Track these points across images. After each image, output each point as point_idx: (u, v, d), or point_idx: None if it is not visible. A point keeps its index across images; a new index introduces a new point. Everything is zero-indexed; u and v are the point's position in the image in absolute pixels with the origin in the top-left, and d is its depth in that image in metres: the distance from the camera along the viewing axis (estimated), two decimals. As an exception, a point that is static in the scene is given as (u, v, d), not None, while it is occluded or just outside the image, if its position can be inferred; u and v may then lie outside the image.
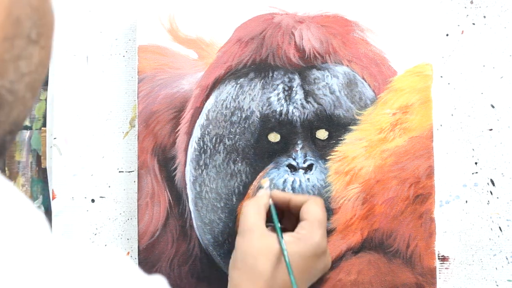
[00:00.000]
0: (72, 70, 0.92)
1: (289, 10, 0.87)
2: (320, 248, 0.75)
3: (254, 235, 0.74)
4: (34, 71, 0.46)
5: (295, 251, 0.73)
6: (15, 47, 0.44)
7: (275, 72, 0.87)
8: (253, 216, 0.76)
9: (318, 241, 0.74)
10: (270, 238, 0.74)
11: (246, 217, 0.76)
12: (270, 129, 0.86)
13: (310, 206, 0.76)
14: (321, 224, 0.75)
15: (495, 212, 0.85)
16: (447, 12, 0.87)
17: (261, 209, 0.77)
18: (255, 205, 0.77)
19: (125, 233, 0.91)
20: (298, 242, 0.74)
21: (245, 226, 0.75)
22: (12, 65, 0.44)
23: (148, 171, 0.88)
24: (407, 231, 0.83)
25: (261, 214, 0.76)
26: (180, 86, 0.88)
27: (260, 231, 0.74)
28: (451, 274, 0.85)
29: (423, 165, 0.84)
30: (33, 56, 0.45)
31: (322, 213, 0.76)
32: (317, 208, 0.76)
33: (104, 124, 0.92)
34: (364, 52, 0.86)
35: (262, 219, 0.76)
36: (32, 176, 0.95)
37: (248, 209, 0.76)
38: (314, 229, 0.75)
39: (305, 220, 0.76)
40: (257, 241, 0.74)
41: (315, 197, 0.81)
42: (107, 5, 0.93)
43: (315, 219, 0.75)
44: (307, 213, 0.76)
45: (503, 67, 0.86)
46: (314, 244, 0.74)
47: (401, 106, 0.85)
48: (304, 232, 0.75)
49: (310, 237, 0.74)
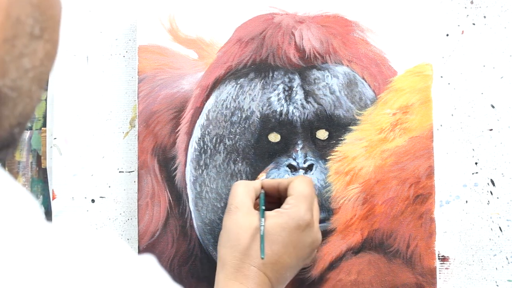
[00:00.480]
0: (72, 70, 0.92)
1: (289, 10, 0.87)
2: (303, 221, 0.74)
3: (239, 213, 0.75)
4: (39, 65, 0.45)
5: (277, 222, 0.74)
6: (16, 47, 0.43)
7: (275, 72, 0.87)
8: (241, 195, 0.77)
9: (301, 213, 0.75)
10: (254, 216, 0.75)
11: (234, 195, 0.77)
12: (270, 129, 0.86)
13: (295, 183, 0.77)
14: (306, 198, 0.76)
15: (495, 212, 0.85)
16: (447, 12, 0.87)
17: (250, 189, 0.78)
18: (244, 185, 0.78)
19: (125, 233, 0.91)
20: (281, 215, 0.75)
21: (232, 205, 0.77)
22: (14, 65, 0.43)
23: (148, 171, 0.88)
24: (407, 231, 0.83)
25: (249, 194, 0.77)
26: (180, 86, 0.88)
27: (246, 209, 0.76)
28: (451, 274, 0.85)
29: (423, 165, 0.84)
30: (37, 51, 0.45)
31: (307, 188, 0.77)
32: (302, 184, 0.77)
33: (104, 124, 0.92)
34: (364, 52, 0.86)
35: (250, 198, 0.77)
36: (32, 176, 0.95)
37: (237, 188, 0.78)
38: (297, 203, 0.75)
39: (290, 196, 0.77)
40: (242, 218, 0.75)
41: (302, 175, 0.82)
42: (107, 5, 0.93)
43: (299, 194, 0.76)
44: (292, 189, 0.77)
45: (503, 67, 0.86)
46: (296, 217, 0.74)
47: (401, 106, 0.85)
48: (288, 206, 0.76)
49: (293, 211, 0.75)
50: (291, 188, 0.77)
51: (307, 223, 0.75)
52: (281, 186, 0.79)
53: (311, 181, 0.79)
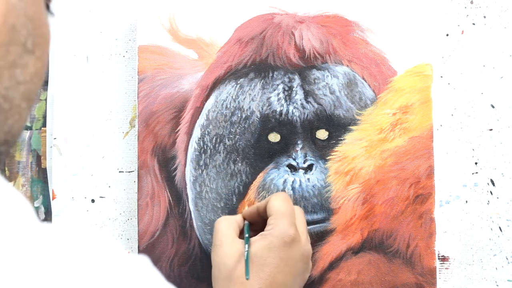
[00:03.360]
0: (72, 70, 0.92)
1: (289, 10, 0.87)
2: (288, 236, 0.74)
3: (224, 245, 0.75)
4: (29, 81, 0.46)
5: (263, 245, 0.73)
6: (10, 53, 0.44)
7: (275, 72, 0.87)
8: (223, 229, 0.77)
9: (284, 230, 0.74)
10: (239, 245, 0.75)
11: (217, 231, 0.77)
12: (270, 129, 0.86)
13: (271, 203, 0.77)
14: (284, 214, 0.75)
15: (495, 212, 0.85)
16: (447, 12, 0.87)
17: (232, 222, 0.78)
18: (226, 220, 0.78)
19: (125, 233, 0.91)
20: (265, 237, 0.74)
21: (216, 240, 0.76)
22: (7, 72, 0.44)
23: (148, 171, 0.88)
24: (407, 231, 0.83)
25: (232, 227, 0.77)
26: (180, 86, 0.88)
27: (230, 240, 0.75)
28: (451, 274, 0.85)
29: (423, 165, 0.84)
30: (29, 66, 0.46)
31: (283, 204, 0.76)
32: (277, 201, 0.76)
33: (104, 124, 0.92)
34: (364, 52, 0.86)
35: (233, 230, 0.77)
36: (32, 176, 0.95)
37: (219, 225, 0.77)
38: (278, 221, 0.75)
39: (270, 217, 0.76)
40: (227, 249, 0.75)
41: (275, 193, 0.81)
42: (107, 5, 0.93)
43: (277, 212, 0.75)
44: (270, 209, 0.76)
45: (503, 67, 0.86)
46: (280, 234, 0.74)
47: (401, 106, 0.85)
48: (270, 227, 0.75)
49: (275, 230, 0.74)
50: (269, 208, 0.77)
51: (292, 238, 0.74)
52: (260, 209, 0.79)
53: (287, 196, 0.78)
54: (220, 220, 0.78)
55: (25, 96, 0.46)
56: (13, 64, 0.45)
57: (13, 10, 0.44)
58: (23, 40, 0.45)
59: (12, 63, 0.45)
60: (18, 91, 0.45)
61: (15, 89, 0.45)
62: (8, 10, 0.44)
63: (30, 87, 0.47)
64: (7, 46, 0.44)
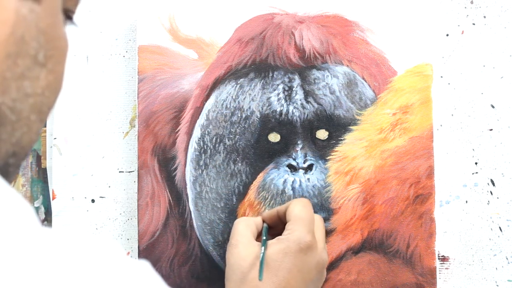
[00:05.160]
0: (72, 70, 0.92)
1: (289, 10, 0.87)
2: (304, 243, 0.74)
3: (240, 246, 0.75)
4: (40, 93, 0.46)
5: (279, 249, 0.73)
6: (18, 65, 0.44)
7: (275, 72, 0.87)
8: (241, 230, 0.77)
9: (301, 236, 0.74)
10: (256, 247, 0.75)
11: (235, 231, 0.77)
12: (270, 129, 0.86)
13: (291, 207, 0.77)
14: (303, 220, 0.75)
15: (495, 212, 0.85)
16: (447, 12, 0.87)
17: (250, 224, 0.78)
18: (245, 221, 0.78)
19: (125, 233, 0.91)
20: (282, 241, 0.74)
21: (233, 240, 0.76)
22: (15, 84, 0.44)
23: (148, 171, 0.88)
24: (407, 231, 0.83)
25: (250, 228, 0.77)
26: (180, 86, 0.88)
27: (247, 241, 0.75)
28: (451, 274, 0.85)
29: (423, 165, 0.84)
30: (40, 79, 0.46)
31: (303, 210, 0.76)
32: (298, 206, 0.77)
33: (104, 124, 0.92)
34: (364, 52, 0.86)
35: (250, 232, 0.77)
36: (32, 176, 0.95)
37: (238, 225, 0.77)
38: (296, 227, 0.75)
39: (288, 222, 0.76)
40: (243, 250, 0.75)
41: (297, 199, 0.81)
42: (107, 5, 0.93)
43: (296, 217, 0.75)
44: (289, 215, 0.76)
45: (503, 67, 0.86)
46: (297, 240, 0.74)
47: (401, 106, 0.85)
48: (287, 232, 0.75)
49: (293, 235, 0.74)
50: (288, 213, 0.77)
51: (308, 245, 0.74)
52: (280, 213, 0.79)
53: (308, 202, 0.78)
54: (239, 220, 0.78)
55: (35, 109, 0.46)
56: (21, 76, 0.44)
57: (23, 22, 0.44)
58: (33, 53, 0.45)
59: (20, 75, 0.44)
60: (26, 104, 0.45)
61: (24, 102, 0.45)
62: (18, 21, 0.44)
63: (42, 100, 0.46)
64: (15, 57, 0.44)
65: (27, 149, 0.47)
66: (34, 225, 0.41)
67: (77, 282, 0.39)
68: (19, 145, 0.46)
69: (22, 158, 0.48)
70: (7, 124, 0.44)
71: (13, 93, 0.44)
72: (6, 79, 0.44)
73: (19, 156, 0.47)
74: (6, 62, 0.44)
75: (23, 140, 0.46)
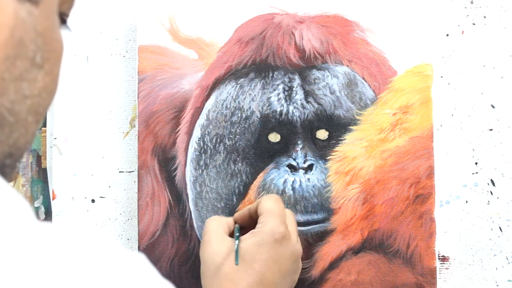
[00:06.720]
0: (72, 70, 0.92)
1: (289, 10, 0.87)
2: (278, 234, 0.74)
3: (212, 241, 0.75)
4: (37, 95, 0.47)
5: (253, 241, 0.74)
6: (17, 67, 0.44)
7: (275, 72, 0.87)
8: (213, 227, 0.77)
9: (274, 227, 0.74)
10: (229, 242, 0.75)
11: (206, 230, 0.77)
12: (270, 129, 0.86)
13: (262, 203, 0.77)
14: (275, 213, 0.76)
15: (495, 212, 0.85)
16: (447, 12, 0.87)
17: (222, 223, 0.78)
18: (216, 220, 0.78)
19: (125, 233, 0.91)
20: (255, 234, 0.75)
21: (205, 237, 0.76)
22: (13, 85, 0.44)
23: (148, 171, 0.88)
24: (407, 231, 0.83)
25: (221, 226, 0.77)
26: (180, 86, 0.88)
27: (220, 237, 0.76)
28: (451, 274, 0.85)
29: (423, 165, 0.84)
30: (37, 80, 0.46)
31: (274, 204, 0.77)
32: (269, 201, 0.77)
33: (104, 124, 0.92)
34: (364, 52, 0.86)
35: (222, 229, 0.77)
36: (32, 176, 0.95)
37: (209, 224, 0.78)
38: (268, 219, 0.75)
39: (260, 216, 0.76)
40: (217, 246, 0.75)
41: (267, 195, 0.82)
42: (107, 5, 0.93)
43: (267, 210, 0.76)
44: (261, 209, 0.77)
45: (503, 67, 0.86)
46: (270, 231, 0.74)
47: (401, 106, 0.85)
48: (260, 225, 0.76)
49: (266, 227, 0.75)
50: (259, 208, 0.77)
51: (282, 236, 0.74)
52: (251, 211, 0.79)
53: (278, 198, 0.78)
54: (211, 219, 0.79)
55: (32, 110, 0.47)
56: (19, 78, 0.45)
57: (22, 24, 0.45)
58: (31, 55, 0.45)
59: (18, 77, 0.45)
60: (24, 105, 0.46)
61: (21, 103, 0.45)
62: (16, 24, 0.44)
63: (38, 102, 0.47)
64: (13, 59, 0.44)
65: (23, 150, 0.48)
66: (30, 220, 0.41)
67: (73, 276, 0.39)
68: (15, 146, 0.46)
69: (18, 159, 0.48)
70: (5, 126, 0.45)
71: (11, 94, 0.44)
72: (5, 81, 0.44)
73: (15, 157, 0.47)
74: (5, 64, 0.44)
75: (20, 142, 0.47)
